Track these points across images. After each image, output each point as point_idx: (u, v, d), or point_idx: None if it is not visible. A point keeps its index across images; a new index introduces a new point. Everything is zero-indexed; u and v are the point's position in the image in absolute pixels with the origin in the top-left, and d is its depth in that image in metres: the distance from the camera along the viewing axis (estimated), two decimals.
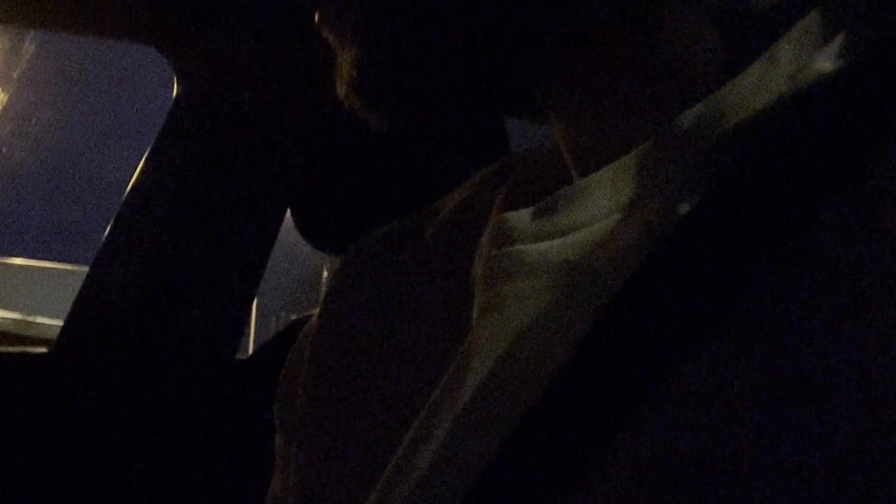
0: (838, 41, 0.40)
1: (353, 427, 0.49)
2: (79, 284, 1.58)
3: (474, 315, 0.45)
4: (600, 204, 0.42)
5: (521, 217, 0.44)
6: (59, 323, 1.60)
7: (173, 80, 1.54)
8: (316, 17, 0.46)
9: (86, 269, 1.61)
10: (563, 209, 0.43)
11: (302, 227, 1.45)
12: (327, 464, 0.50)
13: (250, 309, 1.73)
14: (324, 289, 0.57)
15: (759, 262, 0.38)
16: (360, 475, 0.46)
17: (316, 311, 0.56)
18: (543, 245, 0.43)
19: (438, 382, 0.44)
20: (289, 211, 1.55)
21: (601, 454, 0.37)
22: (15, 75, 1.98)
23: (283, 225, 1.61)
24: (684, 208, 0.39)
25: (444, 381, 0.44)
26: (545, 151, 0.50)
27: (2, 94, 2.05)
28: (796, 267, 0.37)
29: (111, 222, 1.57)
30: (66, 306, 1.58)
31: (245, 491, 1.46)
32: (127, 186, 1.57)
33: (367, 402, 0.49)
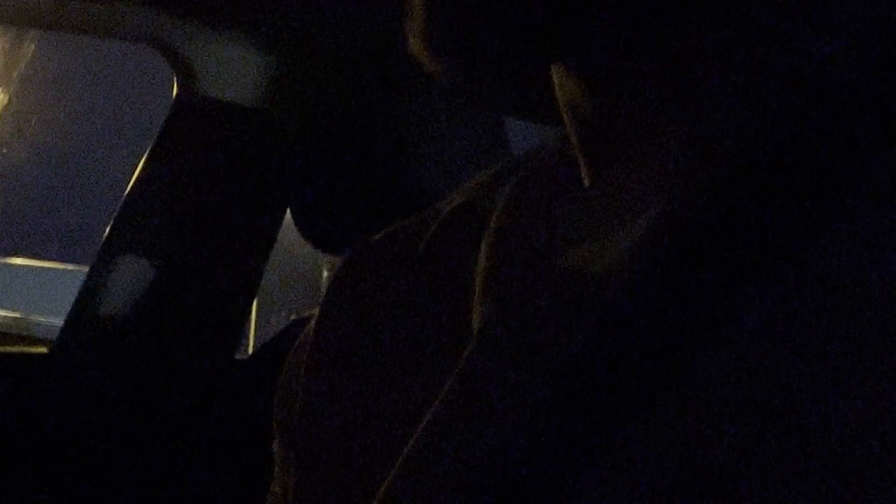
0: (837, 42, 0.40)
1: (351, 433, 0.49)
2: (79, 284, 1.58)
3: (475, 321, 0.45)
4: (603, 211, 0.42)
5: (527, 225, 0.44)
6: (59, 323, 1.60)
7: (173, 80, 1.54)
8: None
9: (86, 269, 1.61)
10: (567, 219, 0.43)
11: (302, 227, 1.44)
12: (326, 470, 0.50)
13: (250, 309, 1.73)
14: (324, 289, 0.57)
15: (762, 267, 0.37)
16: (361, 482, 0.46)
17: (316, 311, 0.56)
18: (549, 253, 0.43)
19: (437, 387, 0.44)
20: (289, 211, 1.55)
21: (608, 455, 0.37)
22: (15, 75, 1.98)
23: (283, 225, 1.61)
24: (683, 213, 0.39)
25: (449, 386, 0.43)
26: (546, 155, 0.50)
27: (2, 94, 2.05)
28: (798, 274, 0.37)
29: (111, 222, 1.57)
30: (66, 306, 1.58)
31: (245, 492, 1.45)
32: (127, 186, 1.57)
33: (365, 407, 0.49)
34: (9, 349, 1.62)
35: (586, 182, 0.46)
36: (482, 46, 0.41)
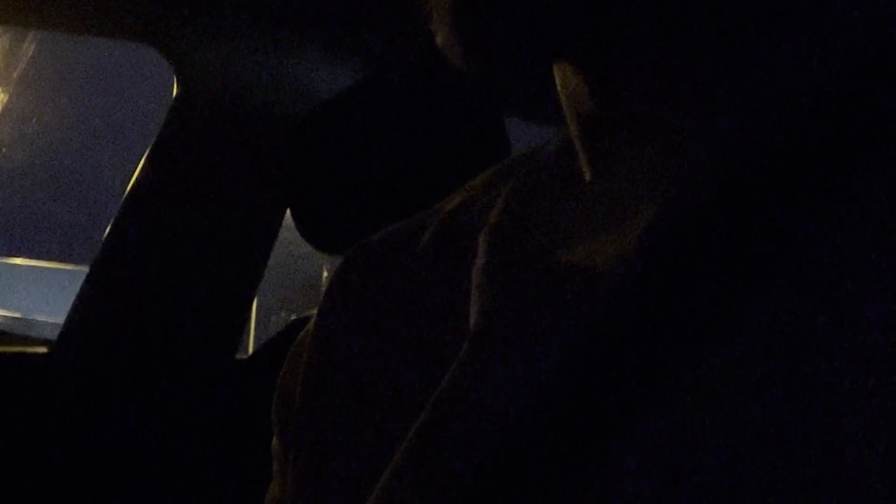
0: (833, 48, 0.40)
1: (350, 431, 0.49)
2: (79, 284, 1.58)
3: (472, 317, 0.45)
4: (604, 207, 0.42)
5: (527, 222, 0.44)
6: (59, 323, 1.60)
7: (173, 80, 1.54)
8: None
9: (86, 269, 1.61)
10: (567, 215, 0.43)
11: (302, 227, 1.44)
12: (324, 468, 0.50)
13: (250, 309, 1.73)
14: (324, 289, 0.57)
15: (764, 263, 0.37)
16: (358, 480, 0.46)
17: (315, 311, 0.56)
18: (549, 249, 0.43)
19: (435, 384, 0.44)
20: (289, 211, 1.55)
21: (606, 451, 0.37)
22: (15, 75, 1.98)
23: (283, 225, 1.61)
24: (685, 209, 0.39)
25: (446, 382, 0.44)
26: (547, 153, 0.50)
27: (2, 94, 2.05)
28: (801, 270, 0.37)
29: (111, 222, 1.57)
30: (66, 306, 1.58)
31: (244, 492, 1.46)
32: (127, 186, 1.57)
33: (364, 406, 0.49)
34: (9, 349, 1.62)
35: (587, 177, 0.46)
36: (509, 41, 0.41)
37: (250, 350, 2.29)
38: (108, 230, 1.57)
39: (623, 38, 0.41)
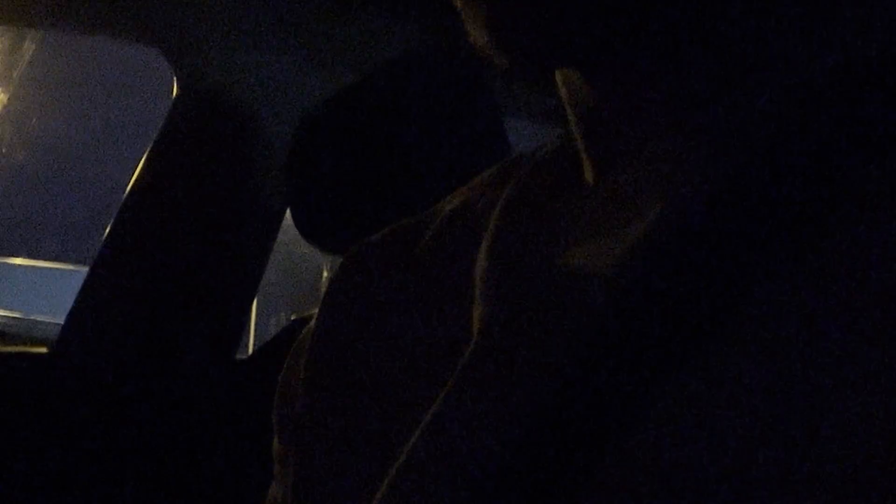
0: (835, 51, 0.40)
1: (352, 431, 0.49)
2: (79, 284, 1.58)
3: (475, 321, 0.45)
4: (606, 210, 0.42)
5: (528, 225, 0.44)
6: (59, 323, 1.60)
7: (173, 80, 1.54)
8: None
9: (86, 269, 1.61)
10: (568, 218, 0.43)
11: (302, 227, 1.44)
12: (326, 468, 0.50)
13: (250, 309, 1.73)
14: (324, 289, 0.57)
15: (760, 269, 0.37)
16: (361, 480, 0.46)
17: (316, 311, 0.56)
18: (551, 252, 0.43)
19: (438, 386, 0.44)
20: (289, 211, 1.55)
21: (608, 454, 0.38)
22: (15, 75, 1.98)
23: (283, 225, 1.61)
24: (686, 212, 0.39)
25: (450, 385, 0.44)
26: (548, 154, 0.50)
27: (2, 94, 2.05)
28: (796, 277, 0.37)
29: (111, 222, 1.57)
30: (66, 306, 1.58)
31: (245, 492, 1.46)
32: (127, 186, 1.58)
33: (366, 405, 0.49)
34: (9, 349, 1.62)
35: (589, 180, 0.46)
36: (551, 39, 0.41)
37: (250, 350, 2.29)
38: (108, 230, 1.57)
39: (628, 40, 0.41)
